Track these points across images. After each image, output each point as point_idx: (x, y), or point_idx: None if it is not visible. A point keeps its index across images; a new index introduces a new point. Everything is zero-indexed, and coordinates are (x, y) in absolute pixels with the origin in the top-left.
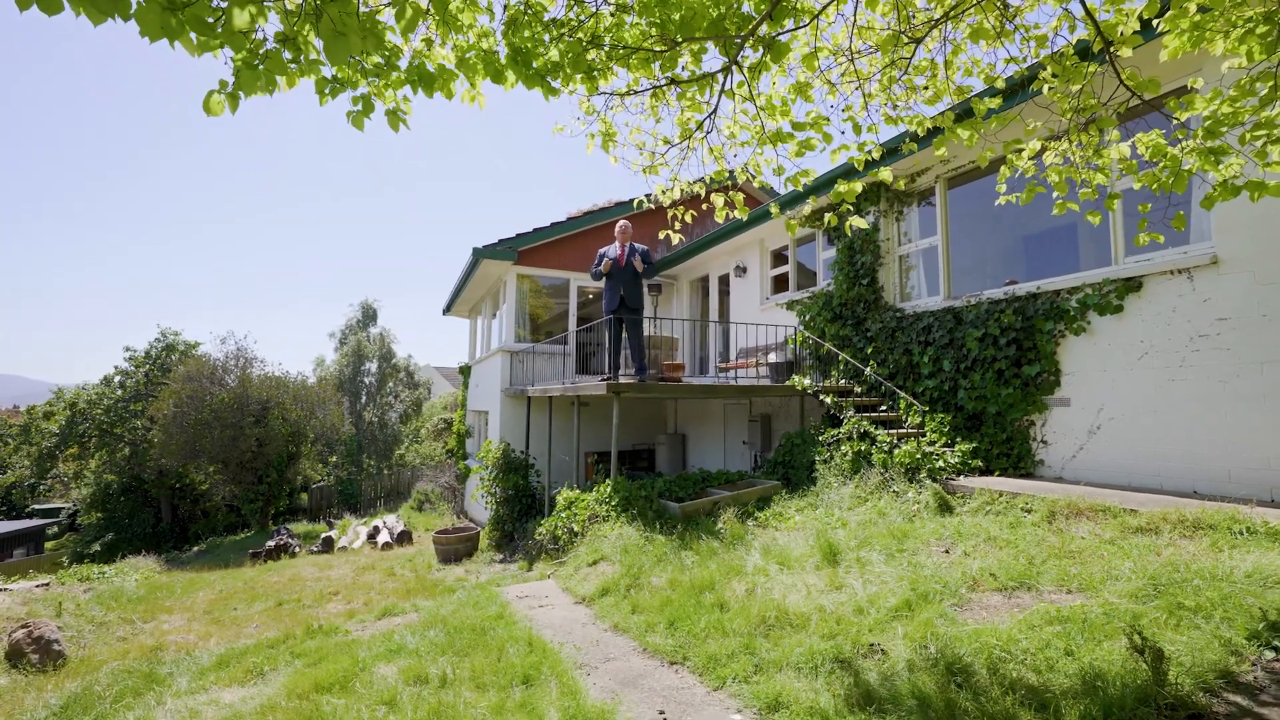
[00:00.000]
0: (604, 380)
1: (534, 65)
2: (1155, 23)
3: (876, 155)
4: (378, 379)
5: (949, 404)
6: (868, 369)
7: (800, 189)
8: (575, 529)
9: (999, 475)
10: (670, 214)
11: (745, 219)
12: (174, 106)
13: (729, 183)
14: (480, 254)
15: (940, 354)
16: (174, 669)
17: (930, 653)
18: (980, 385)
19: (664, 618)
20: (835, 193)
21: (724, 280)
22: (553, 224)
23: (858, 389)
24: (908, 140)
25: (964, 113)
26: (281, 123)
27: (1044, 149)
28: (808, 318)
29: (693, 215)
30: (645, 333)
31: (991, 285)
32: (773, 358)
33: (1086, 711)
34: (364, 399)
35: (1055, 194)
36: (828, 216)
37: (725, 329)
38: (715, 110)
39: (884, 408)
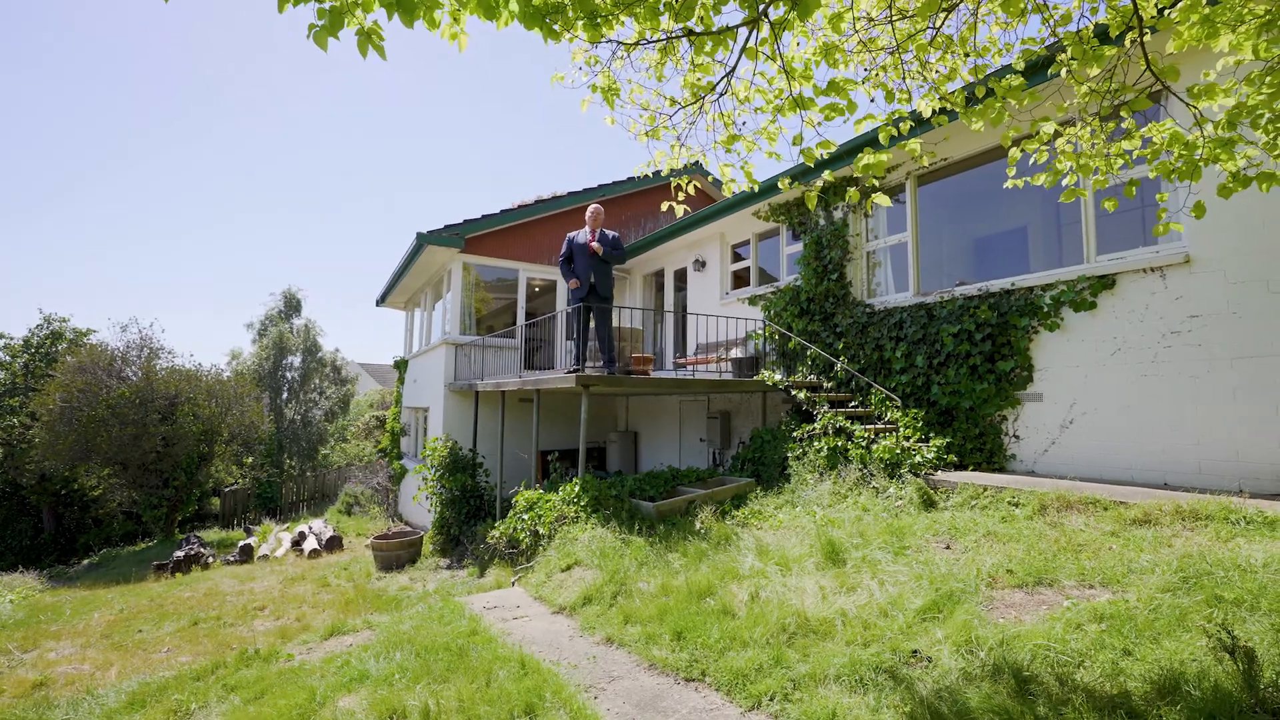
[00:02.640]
0: (571, 372)
1: (533, 1)
2: (1168, 12)
3: (904, 130)
4: (301, 373)
5: (921, 399)
6: (838, 364)
7: (812, 163)
8: (541, 531)
9: (972, 470)
10: (674, 184)
11: (755, 190)
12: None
13: (704, 172)
14: (424, 239)
15: (913, 349)
16: (71, 712)
17: (982, 659)
18: (954, 380)
19: (667, 628)
20: (864, 165)
21: (680, 275)
22: (503, 211)
23: (827, 384)
24: (937, 114)
25: (987, 92)
26: (256, 126)
27: (1057, 134)
28: (773, 313)
29: (696, 186)
30: (614, 324)
31: (959, 283)
32: (736, 353)
33: None
34: (285, 395)
35: (1065, 180)
36: (850, 191)
37: (681, 324)
38: (734, 70)
39: (854, 403)
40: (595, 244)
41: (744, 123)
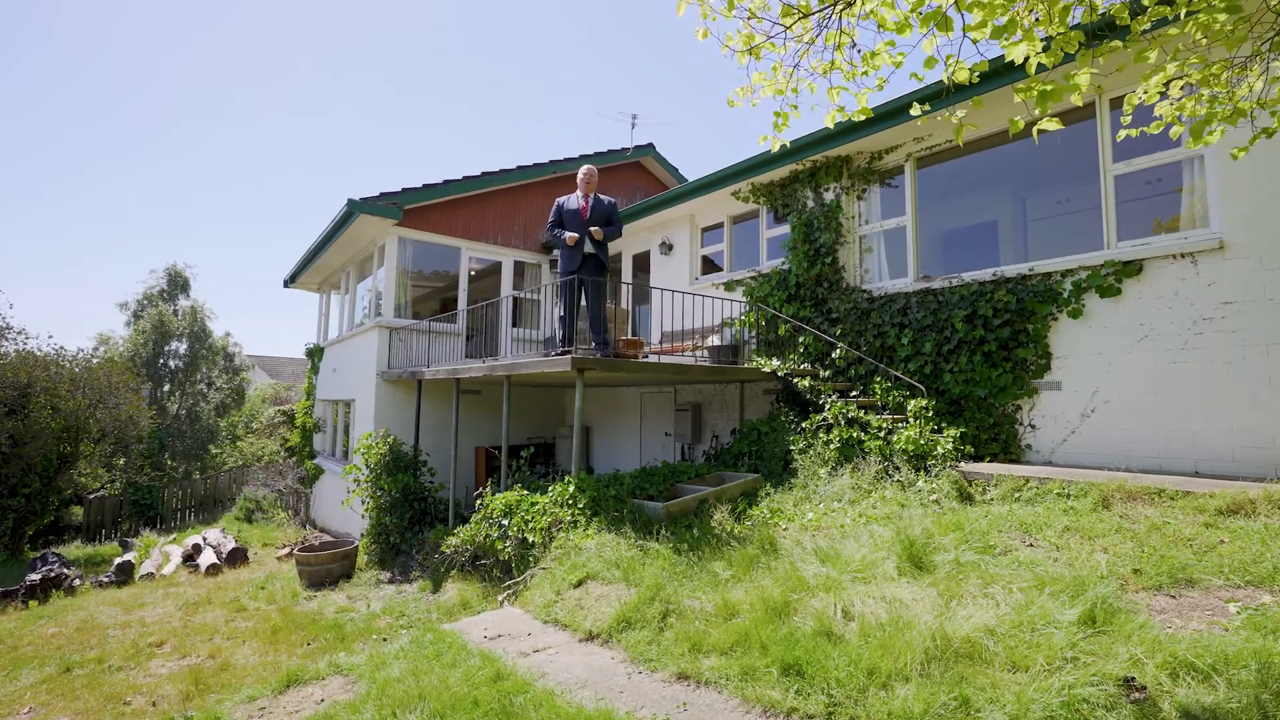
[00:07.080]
0: (562, 354)
1: None
2: None
3: (1053, 60)
4: (188, 361)
5: (930, 388)
6: (837, 351)
7: (951, 85)
8: (531, 539)
9: (989, 461)
10: (775, 114)
11: (865, 119)
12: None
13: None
14: (357, 208)
15: (920, 336)
16: None
17: (1222, 686)
18: (968, 368)
19: (768, 659)
20: (1026, 89)
21: (640, 259)
22: (446, 181)
23: (824, 373)
24: (1083, 47)
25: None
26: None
27: (1174, 80)
28: (757, 298)
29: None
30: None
31: (959, 268)
32: (713, 340)
33: None
34: (168, 386)
35: (1172, 131)
36: (1014, 120)
37: (634, 312)
38: None
39: (855, 392)
40: (595, 229)
41: (852, 45)
